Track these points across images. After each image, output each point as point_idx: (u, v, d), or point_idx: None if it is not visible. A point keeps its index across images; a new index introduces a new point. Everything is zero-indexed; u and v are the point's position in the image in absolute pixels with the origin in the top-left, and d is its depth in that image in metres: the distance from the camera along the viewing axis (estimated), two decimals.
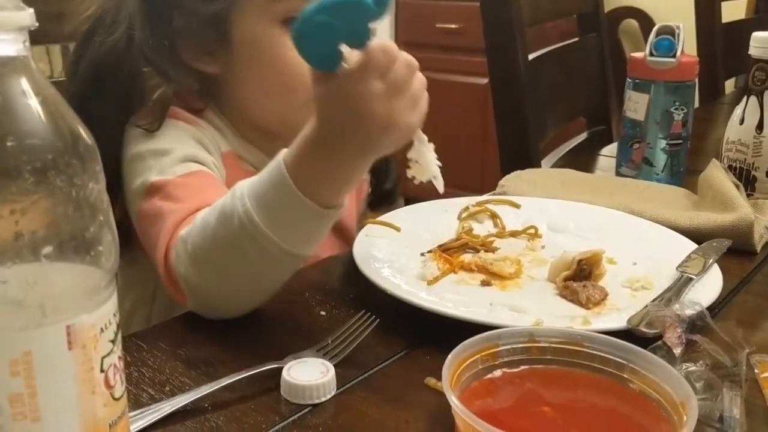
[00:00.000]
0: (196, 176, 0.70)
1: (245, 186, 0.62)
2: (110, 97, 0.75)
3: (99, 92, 0.75)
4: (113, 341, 0.37)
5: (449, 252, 0.78)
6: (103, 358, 0.37)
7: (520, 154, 1.33)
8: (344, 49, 0.56)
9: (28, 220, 0.33)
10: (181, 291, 0.64)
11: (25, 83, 0.33)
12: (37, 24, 0.34)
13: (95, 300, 0.36)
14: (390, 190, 1.00)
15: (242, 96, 0.78)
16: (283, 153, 0.61)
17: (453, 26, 3.09)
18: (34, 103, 0.33)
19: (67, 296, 0.35)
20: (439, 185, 0.67)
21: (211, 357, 0.60)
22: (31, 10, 0.34)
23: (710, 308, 0.65)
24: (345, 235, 0.93)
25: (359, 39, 0.56)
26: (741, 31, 2.00)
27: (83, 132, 0.36)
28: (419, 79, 0.60)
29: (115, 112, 0.75)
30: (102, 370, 0.37)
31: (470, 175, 3.20)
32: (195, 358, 0.59)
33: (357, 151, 0.60)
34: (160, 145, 0.73)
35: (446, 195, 0.88)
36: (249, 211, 0.60)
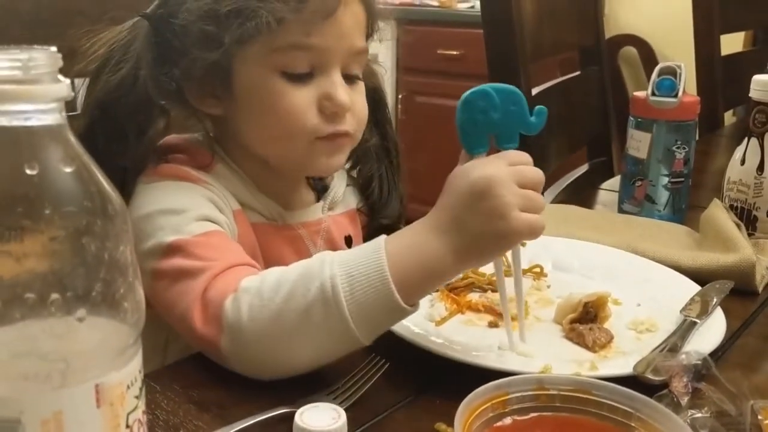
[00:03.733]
0: (213, 236, 0.70)
1: (336, 254, 0.62)
2: (114, 133, 0.76)
3: (104, 128, 0.76)
4: (138, 397, 0.39)
5: (456, 291, 0.80)
6: (128, 413, 0.38)
7: None
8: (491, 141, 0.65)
9: (62, 282, 0.34)
10: (216, 344, 0.63)
11: (62, 152, 0.35)
12: (73, 94, 0.35)
13: (123, 357, 0.37)
14: (388, 226, 0.96)
15: (247, 137, 0.78)
16: (385, 236, 0.63)
17: (454, 53, 3.12)
18: (70, 171, 0.35)
19: (96, 355, 0.36)
20: None
21: (224, 399, 0.61)
22: (68, 81, 0.35)
23: (714, 352, 0.66)
24: None
25: (507, 139, 0.64)
26: (740, 63, 2.02)
27: (114, 195, 0.37)
28: (539, 198, 0.63)
29: (118, 149, 0.76)
30: (127, 426, 0.38)
31: None
32: (208, 401, 0.60)
33: (462, 240, 0.61)
34: (171, 205, 0.72)
35: None
36: (334, 278, 0.60)
